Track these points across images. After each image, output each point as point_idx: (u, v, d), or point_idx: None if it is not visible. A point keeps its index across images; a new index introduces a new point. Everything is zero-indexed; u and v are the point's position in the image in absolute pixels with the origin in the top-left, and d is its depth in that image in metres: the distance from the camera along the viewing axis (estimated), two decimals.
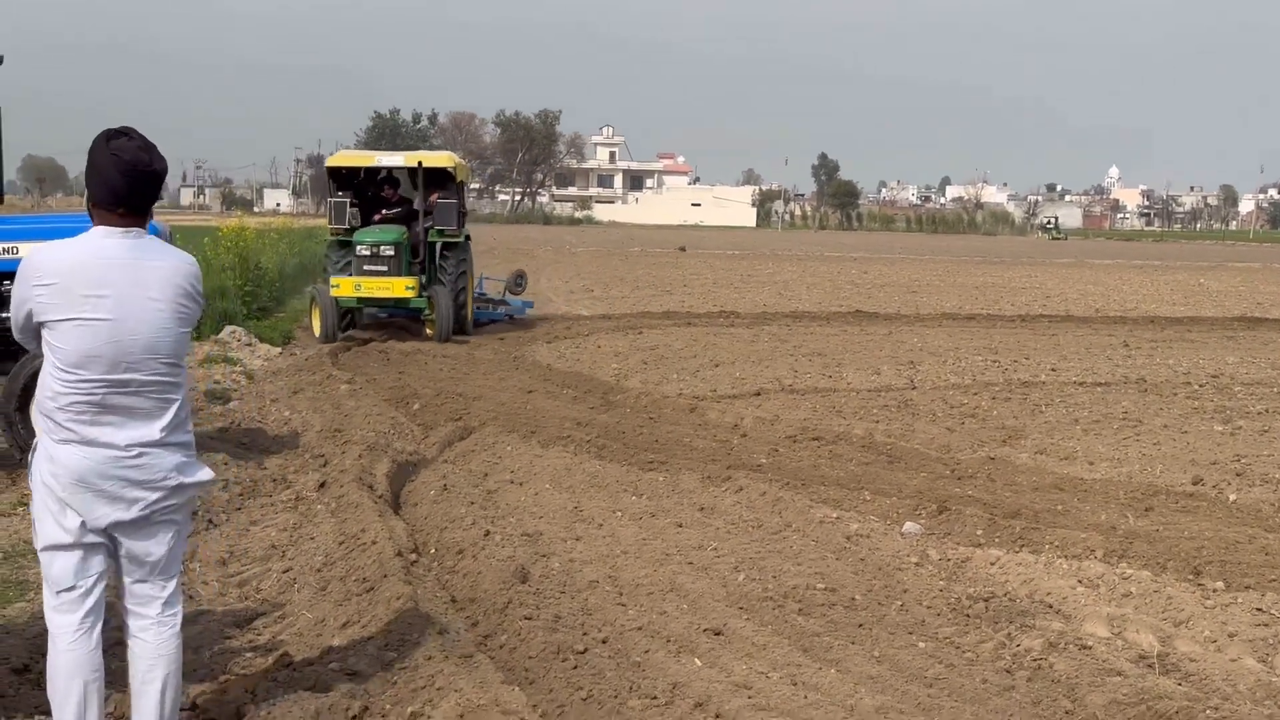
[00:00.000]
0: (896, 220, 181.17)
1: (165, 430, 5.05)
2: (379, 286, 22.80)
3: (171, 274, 5.08)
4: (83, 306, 4.90)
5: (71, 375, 4.92)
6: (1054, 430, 14.57)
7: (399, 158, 25.28)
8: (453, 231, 23.92)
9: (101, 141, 5.02)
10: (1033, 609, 8.03)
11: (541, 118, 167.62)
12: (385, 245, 22.94)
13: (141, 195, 5.04)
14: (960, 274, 51.15)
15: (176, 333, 5.09)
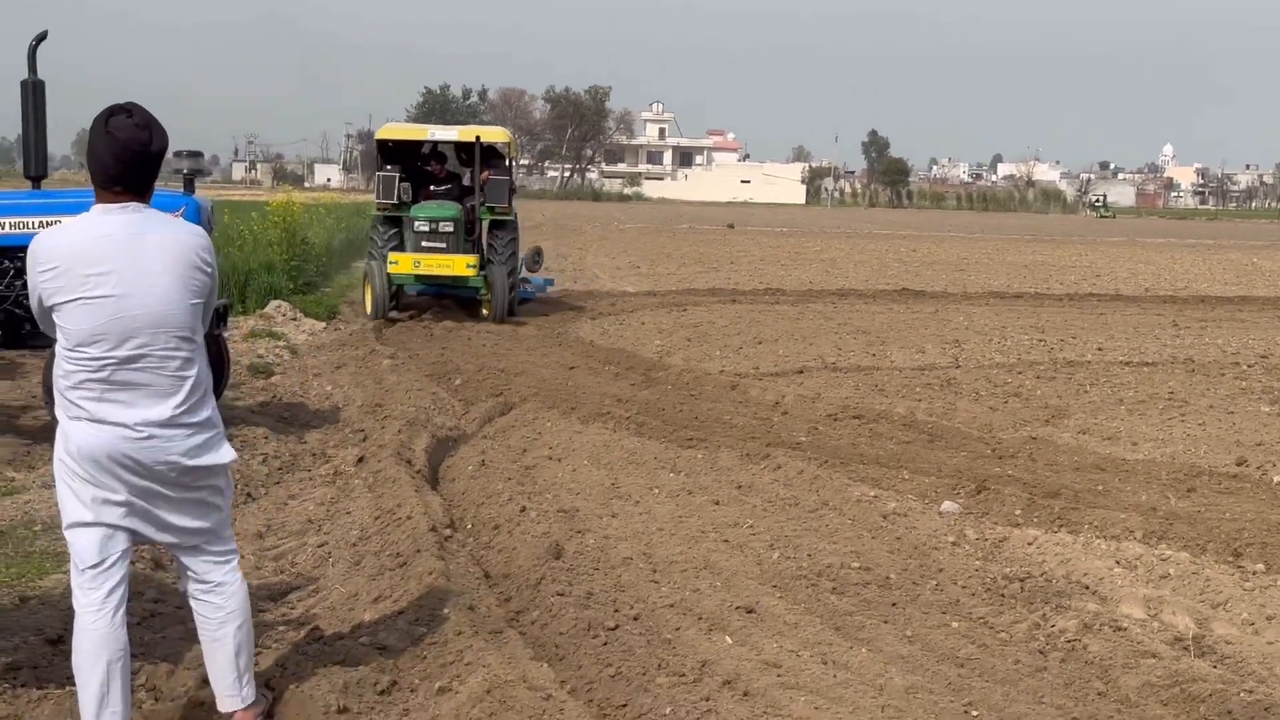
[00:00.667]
0: (947, 198, 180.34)
1: (179, 408, 5.05)
2: (439, 264, 22.06)
3: (173, 245, 5.06)
4: (85, 286, 4.90)
5: (79, 353, 4.94)
6: (1098, 410, 14.47)
7: (453, 132, 24.40)
8: (503, 209, 23.24)
9: (100, 120, 5.00)
10: (1069, 590, 7.97)
11: (591, 94, 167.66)
12: (444, 221, 22.32)
13: (136, 174, 5.01)
14: (1009, 252, 50.86)
15: (186, 305, 5.07)
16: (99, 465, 4.95)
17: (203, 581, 5.32)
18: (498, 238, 22.91)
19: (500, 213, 23.17)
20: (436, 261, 22.05)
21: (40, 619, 6.66)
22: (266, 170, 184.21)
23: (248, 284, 22.73)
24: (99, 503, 5.00)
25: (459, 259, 22.10)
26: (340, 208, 45.28)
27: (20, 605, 6.97)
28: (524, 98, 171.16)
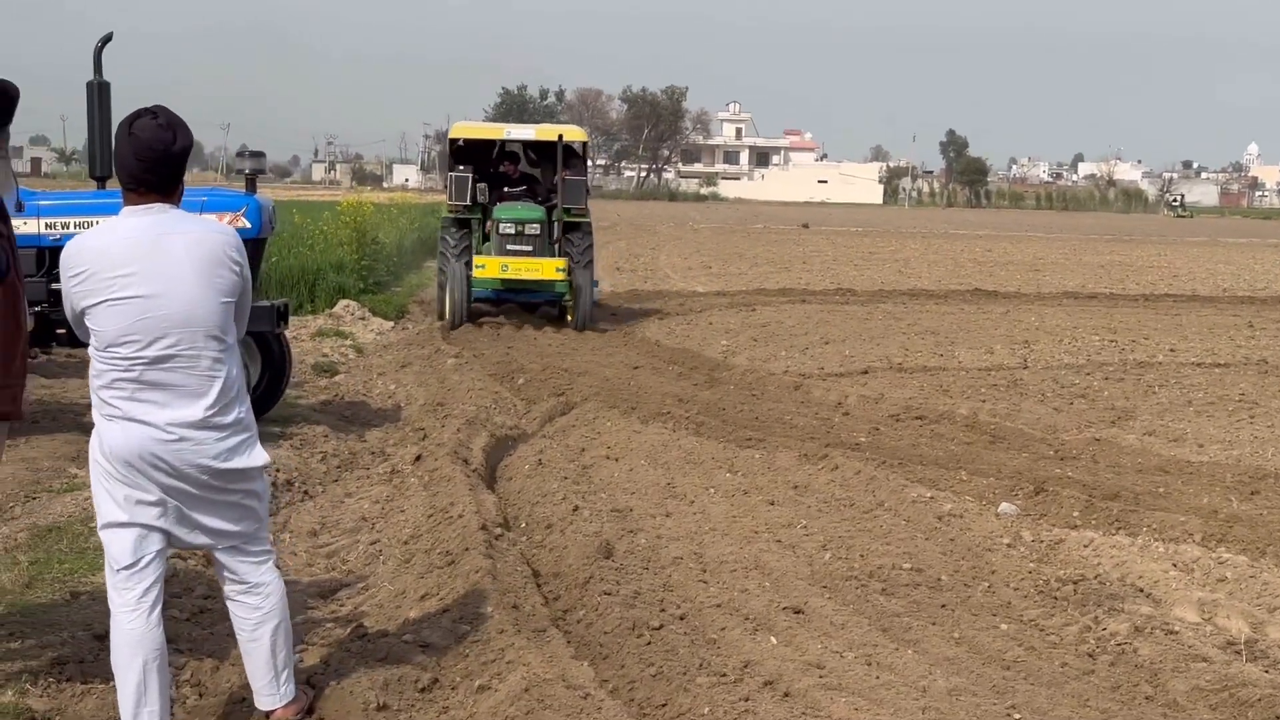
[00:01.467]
0: (1026, 198, 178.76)
1: (211, 409, 5.07)
2: (527, 268, 21.13)
3: (199, 243, 5.09)
4: (112, 287, 4.95)
5: (110, 353, 4.99)
6: (1165, 412, 14.30)
7: (530, 130, 23.72)
8: (580, 210, 22.07)
9: (125, 123, 5.06)
10: (1123, 592, 7.88)
11: (668, 94, 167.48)
12: (531, 223, 21.54)
13: (159, 174, 5.04)
14: (1086, 252, 50.36)
15: (214, 303, 5.09)
16: (131, 465, 4.99)
17: (240, 582, 5.35)
18: (574, 241, 21.81)
19: (576, 214, 22.10)
20: (524, 265, 21.18)
21: (89, 614, 6.73)
22: (345, 171, 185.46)
23: (316, 283, 22.91)
24: (133, 503, 5.04)
25: (548, 262, 21.20)
26: (413, 208, 45.55)
27: (71, 601, 7.05)
28: (601, 98, 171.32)
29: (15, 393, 6.15)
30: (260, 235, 11.50)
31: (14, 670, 5.98)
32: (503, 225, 21.51)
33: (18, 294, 6.11)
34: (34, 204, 11.20)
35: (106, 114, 11.47)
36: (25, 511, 8.78)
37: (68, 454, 10.33)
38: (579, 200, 22.02)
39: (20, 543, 8.01)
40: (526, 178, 23.35)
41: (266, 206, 11.62)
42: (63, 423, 11.30)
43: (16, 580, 7.27)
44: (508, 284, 21.51)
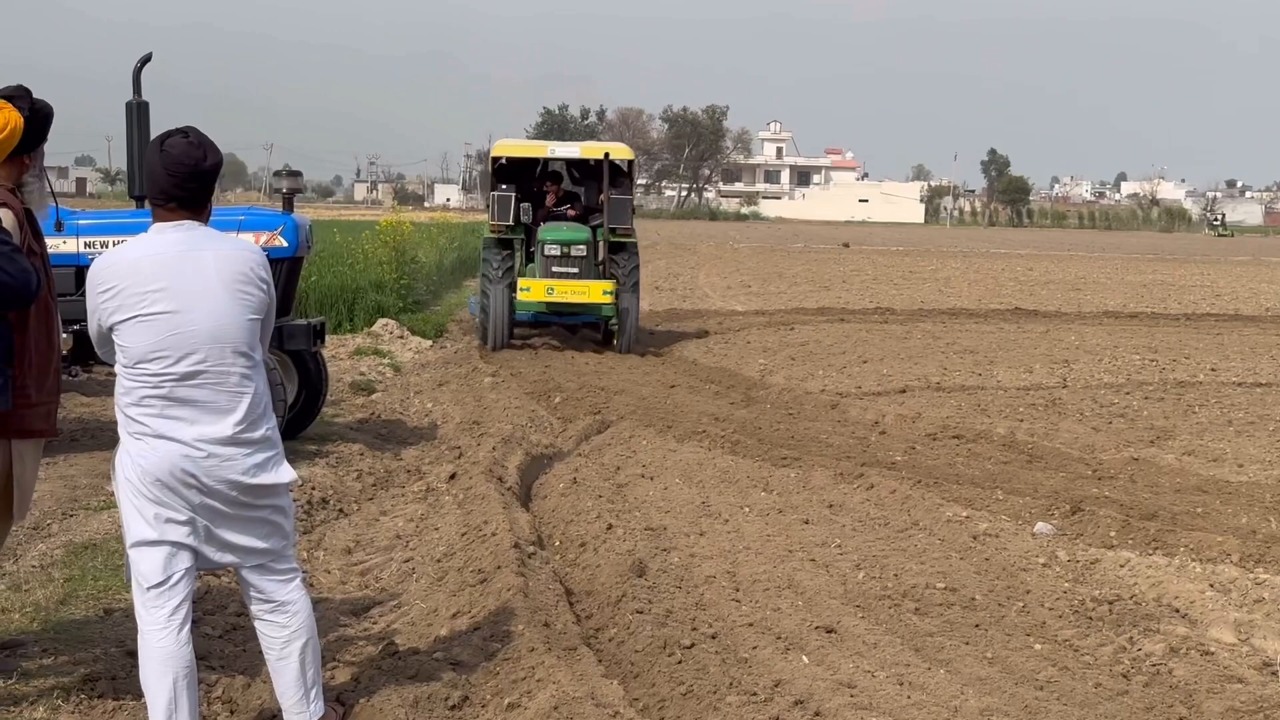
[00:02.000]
0: (1068, 217, 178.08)
1: (239, 426, 5.09)
2: (573, 291, 20.40)
3: (227, 261, 5.13)
4: (141, 303, 4.99)
5: (139, 370, 5.02)
6: (1205, 431, 14.19)
7: (575, 148, 23.10)
8: (625, 230, 21.35)
9: (157, 141, 5.14)
10: (1158, 613, 7.82)
11: (709, 113, 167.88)
12: (577, 245, 20.80)
13: (188, 190, 5.10)
14: (1129, 271, 50.14)
15: (241, 321, 5.12)
16: (160, 483, 5.01)
17: (268, 600, 5.35)
18: (619, 262, 21.15)
19: (621, 234, 21.37)
20: (570, 288, 20.45)
21: (122, 631, 6.75)
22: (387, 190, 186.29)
23: (356, 302, 22.99)
24: (161, 521, 5.05)
25: (595, 285, 20.47)
26: (454, 227, 45.68)
27: (104, 617, 7.09)
28: (642, 117, 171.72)
29: (49, 410, 6.20)
30: (297, 254, 11.56)
31: (46, 686, 6.02)
32: (548, 246, 20.80)
33: (50, 313, 6.16)
34: (73, 223, 11.29)
35: (145, 134, 11.55)
36: (62, 528, 8.84)
37: (105, 471, 10.27)
38: (625, 220, 21.38)
39: (56, 559, 8.07)
40: (570, 197, 22.75)
41: (303, 225, 11.68)
42: (101, 440, 11.35)
43: (51, 596, 7.32)
44: (552, 307, 20.81)
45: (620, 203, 21.33)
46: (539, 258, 20.92)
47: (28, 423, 6.02)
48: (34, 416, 6.06)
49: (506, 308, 20.47)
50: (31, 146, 6.14)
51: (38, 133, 6.14)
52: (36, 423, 6.10)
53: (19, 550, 8.12)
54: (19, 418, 5.90)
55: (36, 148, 6.19)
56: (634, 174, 22.62)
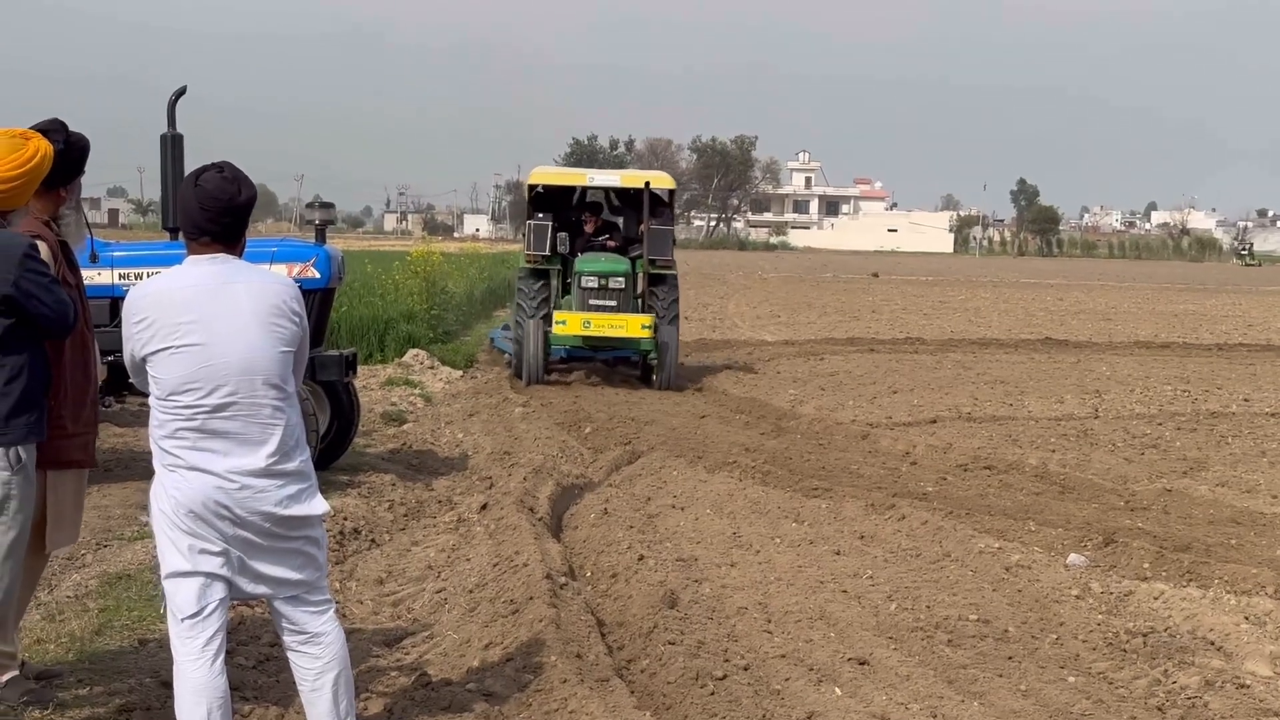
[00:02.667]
0: (1098, 246, 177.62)
1: (272, 458, 5.11)
2: (610, 324, 19.61)
3: (260, 293, 5.17)
4: (174, 335, 5.02)
5: (172, 402, 5.04)
6: (1238, 462, 14.13)
7: (614, 177, 22.31)
8: (665, 262, 20.49)
9: (192, 176, 5.19)
10: (1193, 645, 7.79)
11: (738, 143, 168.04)
12: (616, 276, 20.02)
13: (222, 224, 5.14)
14: (1159, 301, 49.99)
15: (274, 353, 5.15)
16: (194, 515, 5.03)
17: (301, 632, 5.36)
18: (659, 294, 20.29)
19: (661, 266, 20.51)
20: (608, 322, 19.64)
21: (157, 661, 6.77)
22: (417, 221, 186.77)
23: (387, 333, 23.03)
24: (196, 552, 5.07)
25: (633, 319, 19.70)
26: (483, 258, 45.86)
27: (139, 648, 7.11)
28: (670, 147, 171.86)
29: (87, 441, 6.24)
30: (329, 285, 11.61)
31: (82, 716, 6.05)
32: (585, 278, 20.05)
33: (86, 344, 6.21)
34: (108, 254, 11.36)
35: (180, 166, 11.64)
36: (97, 559, 8.87)
37: (139, 502, 10.41)
38: (665, 251, 20.52)
39: (91, 590, 8.10)
40: (609, 227, 21.97)
41: (336, 257, 11.74)
42: (134, 471, 11.39)
43: (86, 627, 7.35)
44: (589, 341, 19.99)
45: (661, 233, 20.54)
46: (575, 289, 20.24)
47: (64, 453, 6.06)
48: (70, 447, 6.10)
49: (541, 342, 19.68)
50: (68, 179, 6.20)
51: (74, 166, 6.20)
52: (73, 453, 6.14)
53: (54, 581, 8.15)
54: (55, 448, 5.94)
55: (73, 180, 6.25)
56: (675, 204, 21.82)
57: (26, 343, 5.64)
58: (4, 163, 5.69)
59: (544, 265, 20.82)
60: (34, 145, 5.80)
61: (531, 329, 19.76)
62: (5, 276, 5.50)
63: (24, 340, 5.63)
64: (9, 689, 6.09)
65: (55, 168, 5.99)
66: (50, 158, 5.84)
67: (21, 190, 5.77)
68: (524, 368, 19.80)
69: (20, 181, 5.72)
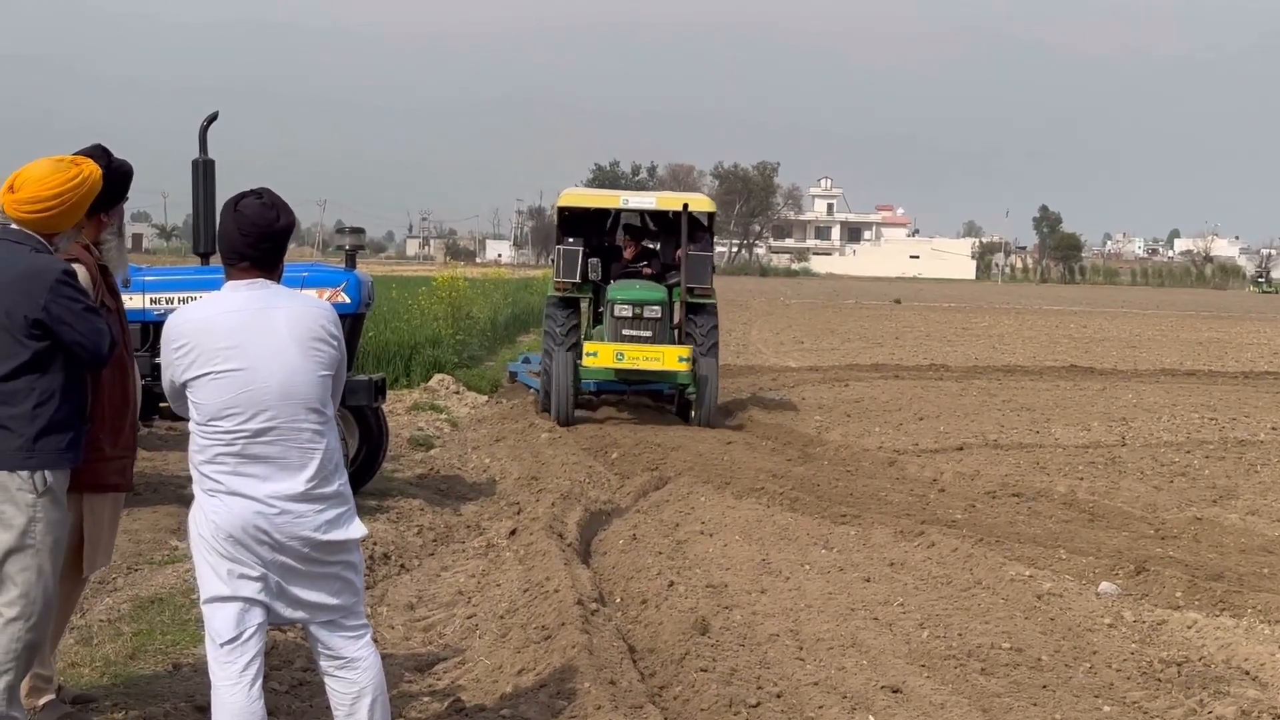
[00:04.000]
0: (1121, 273, 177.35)
1: (311, 482, 5.12)
2: (645, 356, 18.09)
3: (300, 318, 5.19)
4: (214, 360, 5.04)
5: (212, 427, 5.06)
6: (1268, 491, 14.07)
7: (650, 199, 20.73)
8: (704, 290, 18.97)
9: (231, 202, 5.23)
10: (1228, 675, 7.74)
11: (760, 169, 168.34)
12: (651, 305, 18.64)
13: (261, 250, 5.18)
14: (1184, 329, 49.87)
15: (313, 376, 5.17)
16: (233, 539, 5.04)
17: (337, 657, 5.34)
18: (697, 324, 18.85)
19: (700, 295, 18.98)
20: (643, 354, 18.13)
21: (191, 686, 6.79)
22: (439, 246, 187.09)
23: (412, 358, 23.05)
24: (234, 577, 5.08)
25: (670, 351, 18.19)
26: (506, 283, 45.95)
27: (173, 672, 7.12)
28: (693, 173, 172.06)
29: (124, 465, 6.25)
30: (359, 310, 11.64)
31: None
32: (618, 307, 18.65)
33: (125, 369, 6.22)
34: (139, 279, 11.41)
35: (211, 190, 11.71)
36: (128, 583, 8.89)
37: (169, 526, 10.45)
38: (704, 279, 18.99)
39: (123, 614, 8.12)
40: (647, 252, 20.45)
41: (365, 282, 11.77)
42: (164, 495, 11.43)
43: (120, 651, 7.37)
44: (622, 374, 18.54)
45: (700, 259, 18.95)
46: (608, 319, 18.88)
47: (101, 477, 6.07)
48: (108, 470, 6.11)
49: (572, 376, 18.23)
50: (110, 205, 6.22)
51: (117, 191, 6.22)
52: (110, 477, 6.15)
53: (86, 605, 8.16)
54: (91, 471, 5.94)
55: (115, 206, 6.27)
56: (714, 228, 20.19)
57: (61, 367, 5.62)
58: (48, 182, 5.70)
59: (574, 294, 19.50)
60: (83, 169, 5.81)
61: (560, 362, 18.26)
62: (36, 300, 5.49)
63: (58, 364, 5.61)
64: (46, 713, 6.11)
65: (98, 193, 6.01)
66: (98, 183, 5.85)
67: (66, 213, 5.77)
68: (553, 404, 18.30)
69: (62, 203, 5.72)
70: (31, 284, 5.51)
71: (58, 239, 5.81)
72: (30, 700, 6.07)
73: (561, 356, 18.25)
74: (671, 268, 19.68)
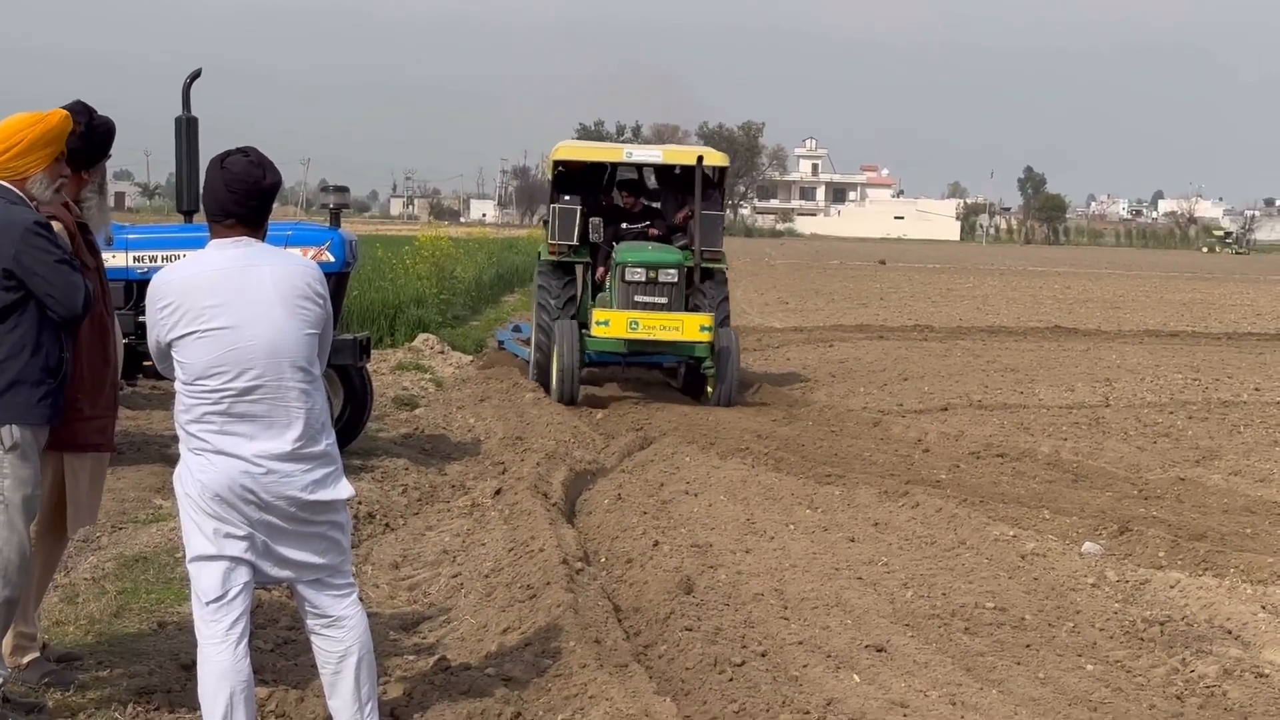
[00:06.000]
0: (1105, 235, 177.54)
1: (298, 441, 5.12)
2: (663, 325, 16.25)
3: (286, 276, 5.18)
4: (200, 319, 5.02)
5: (198, 386, 5.04)
6: (1251, 451, 14.11)
7: (656, 152, 18.78)
8: (715, 254, 17.60)
9: (217, 159, 5.21)
10: (1210, 634, 7.78)
11: (745, 130, 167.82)
12: (667, 268, 16.83)
13: (247, 207, 5.16)
14: (1168, 290, 49.91)
15: (300, 335, 5.16)
16: (220, 499, 5.03)
17: (323, 616, 5.35)
18: (706, 292, 17.30)
19: (711, 258, 17.53)
20: (659, 322, 16.26)
21: (176, 644, 6.78)
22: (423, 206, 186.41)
23: (397, 317, 22.97)
24: (221, 536, 5.07)
25: (690, 319, 16.39)
26: (490, 243, 45.86)
27: (158, 630, 7.12)
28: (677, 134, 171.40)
29: (105, 425, 6.21)
30: (344, 269, 11.59)
31: (103, 698, 6.04)
32: (630, 270, 16.80)
33: (105, 328, 6.16)
34: (122, 237, 11.35)
35: (194, 149, 11.62)
36: (112, 541, 8.87)
37: (153, 485, 10.43)
38: (716, 241, 17.66)
39: (108, 572, 8.10)
40: (650, 211, 18.49)
41: (350, 241, 11.72)
42: (148, 454, 11.41)
43: (105, 610, 7.35)
44: (633, 345, 16.57)
45: (712, 219, 17.61)
46: (617, 284, 16.99)
47: (80, 436, 6.03)
48: (87, 430, 6.07)
49: (576, 348, 16.36)
50: (91, 162, 6.16)
51: (97, 148, 6.16)
52: (90, 437, 6.11)
53: (70, 563, 8.14)
54: (70, 431, 5.91)
55: (97, 164, 6.21)
56: (725, 185, 18.76)
57: (33, 322, 5.54)
58: (7, 128, 5.65)
59: (571, 258, 17.89)
60: (44, 115, 5.73)
61: (563, 333, 16.45)
62: (6, 251, 5.43)
63: (29, 318, 5.53)
64: (30, 671, 6.09)
65: (78, 150, 5.95)
66: (61, 128, 5.72)
67: (23, 154, 5.65)
68: (555, 381, 16.42)
69: (17, 143, 5.62)
70: (2, 235, 5.45)
71: (30, 187, 5.69)
72: (14, 659, 6.06)
73: (562, 327, 16.56)
74: (677, 229, 18.16)
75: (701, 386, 17.28)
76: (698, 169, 17.17)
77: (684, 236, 17.83)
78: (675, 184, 18.57)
